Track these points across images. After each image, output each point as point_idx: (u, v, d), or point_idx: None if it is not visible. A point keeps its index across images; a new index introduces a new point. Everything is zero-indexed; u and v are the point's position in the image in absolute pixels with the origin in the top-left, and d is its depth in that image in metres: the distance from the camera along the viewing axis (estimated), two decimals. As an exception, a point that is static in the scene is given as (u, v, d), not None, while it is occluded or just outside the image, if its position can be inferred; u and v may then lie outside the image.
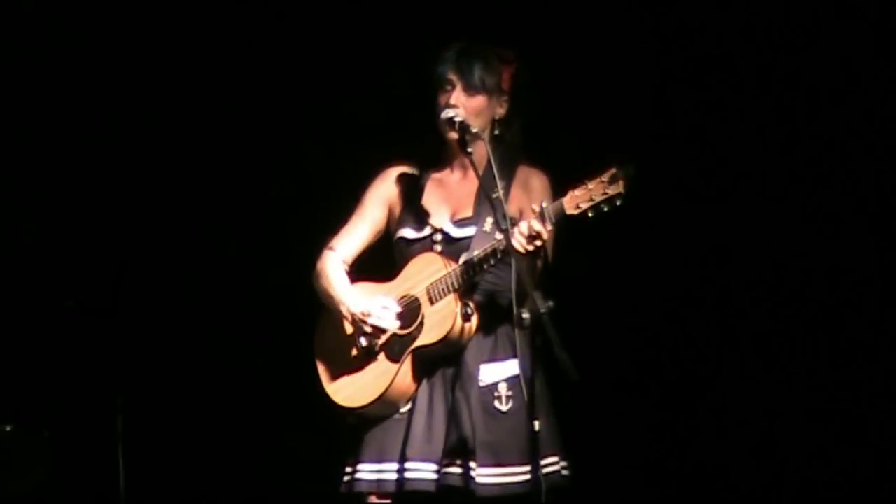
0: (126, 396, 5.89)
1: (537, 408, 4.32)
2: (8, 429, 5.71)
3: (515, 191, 4.48)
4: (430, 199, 4.58)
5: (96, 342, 5.97)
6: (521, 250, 4.25)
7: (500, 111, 4.54)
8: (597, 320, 5.58)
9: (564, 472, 4.46)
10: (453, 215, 4.55)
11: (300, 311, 4.70)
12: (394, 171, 4.67)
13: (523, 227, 4.26)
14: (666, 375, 5.74)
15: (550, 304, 4.04)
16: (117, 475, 5.86)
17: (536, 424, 4.17)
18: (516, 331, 4.33)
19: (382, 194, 4.65)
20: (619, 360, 5.72)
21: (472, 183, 4.54)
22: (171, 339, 6.07)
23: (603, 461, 5.45)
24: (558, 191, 4.39)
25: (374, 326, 4.46)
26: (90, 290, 6.01)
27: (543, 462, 4.37)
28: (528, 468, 4.36)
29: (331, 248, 4.63)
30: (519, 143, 4.56)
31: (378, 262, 4.68)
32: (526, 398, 4.31)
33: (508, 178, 4.47)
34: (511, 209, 4.38)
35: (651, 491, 5.71)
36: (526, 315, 4.10)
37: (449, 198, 4.58)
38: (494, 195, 4.29)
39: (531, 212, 4.31)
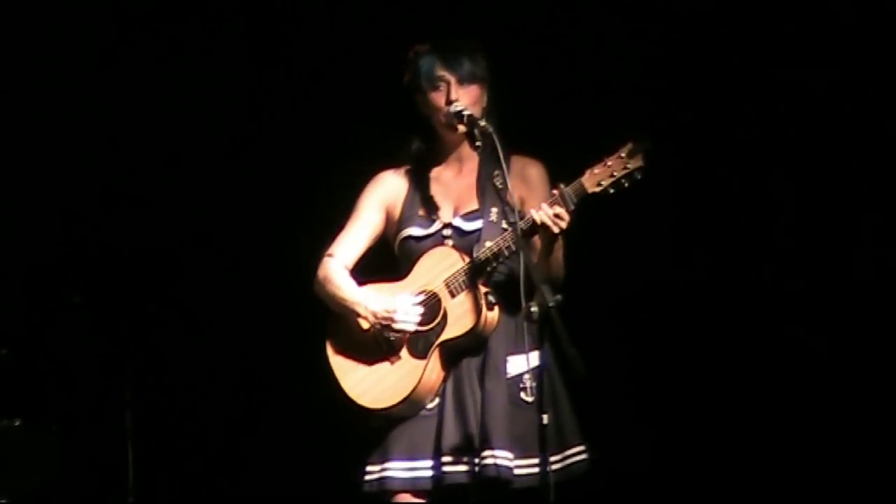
0: (134, 391, 5.89)
1: (554, 400, 4.38)
2: (17, 424, 5.72)
3: (513, 181, 4.41)
4: (432, 196, 4.58)
5: (104, 337, 5.97)
6: (556, 230, 4.28)
7: (485, 100, 4.53)
8: (605, 313, 5.60)
9: (587, 461, 4.47)
10: (459, 209, 4.55)
11: (309, 306, 4.67)
12: (387, 175, 4.65)
13: (547, 209, 4.28)
14: (673, 368, 5.74)
15: (559, 297, 4.05)
16: (126, 470, 5.86)
17: (545, 418, 4.16)
18: (525, 324, 4.28)
19: (378, 198, 4.63)
20: (626, 352, 5.72)
21: (469, 177, 4.57)
22: (180, 333, 6.07)
23: (615, 451, 5.42)
24: (557, 180, 4.41)
25: (401, 323, 4.43)
26: (98, 286, 6.01)
27: (572, 451, 4.44)
28: (557, 457, 4.40)
29: (330, 255, 4.60)
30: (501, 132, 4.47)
31: (372, 266, 4.65)
32: (537, 391, 4.33)
33: (500, 167, 4.39)
34: (509, 197, 4.36)
35: (662, 482, 5.72)
36: (534, 308, 4.08)
37: (449, 194, 4.58)
38: (500, 185, 4.34)
39: (533, 200, 4.38)
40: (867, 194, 5.57)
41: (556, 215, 4.29)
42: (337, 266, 4.57)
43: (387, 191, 4.63)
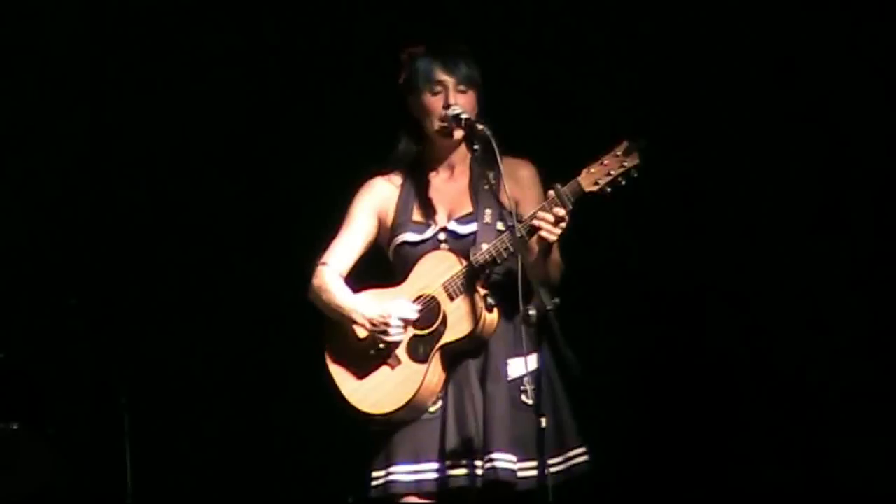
0: (132, 395, 5.87)
1: (553, 402, 4.38)
2: (14, 427, 5.70)
3: (507, 182, 4.40)
4: (425, 201, 4.58)
5: (101, 340, 5.96)
6: (554, 236, 4.26)
7: (478, 105, 4.51)
8: (602, 316, 5.59)
9: (588, 462, 4.47)
10: (453, 213, 4.54)
11: (306, 307, 4.65)
12: (377, 181, 4.64)
13: (547, 215, 4.26)
14: (671, 369, 5.75)
15: (556, 300, 4.05)
16: (125, 474, 5.84)
17: (543, 421, 4.15)
18: (522, 327, 4.27)
19: (370, 205, 4.62)
20: (625, 354, 5.72)
21: (461, 180, 4.57)
22: (177, 336, 6.07)
23: (615, 452, 5.42)
24: (546, 180, 4.41)
25: (396, 328, 4.43)
26: (95, 288, 6.00)
27: (574, 453, 4.44)
28: (559, 459, 4.41)
29: (324, 264, 4.59)
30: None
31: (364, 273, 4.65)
32: (535, 394, 4.33)
33: (497, 170, 4.38)
34: (506, 201, 4.36)
35: (660, 483, 5.72)
36: (532, 312, 4.08)
37: (442, 198, 4.57)
38: (495, 188, 4.33)
39: (527, 201, 4.39)
40: (866, 194, 5.57)
41: (560, 218, 4.27)
42: (331, 274, 4.57)
43: (378, 197, 4.62)
